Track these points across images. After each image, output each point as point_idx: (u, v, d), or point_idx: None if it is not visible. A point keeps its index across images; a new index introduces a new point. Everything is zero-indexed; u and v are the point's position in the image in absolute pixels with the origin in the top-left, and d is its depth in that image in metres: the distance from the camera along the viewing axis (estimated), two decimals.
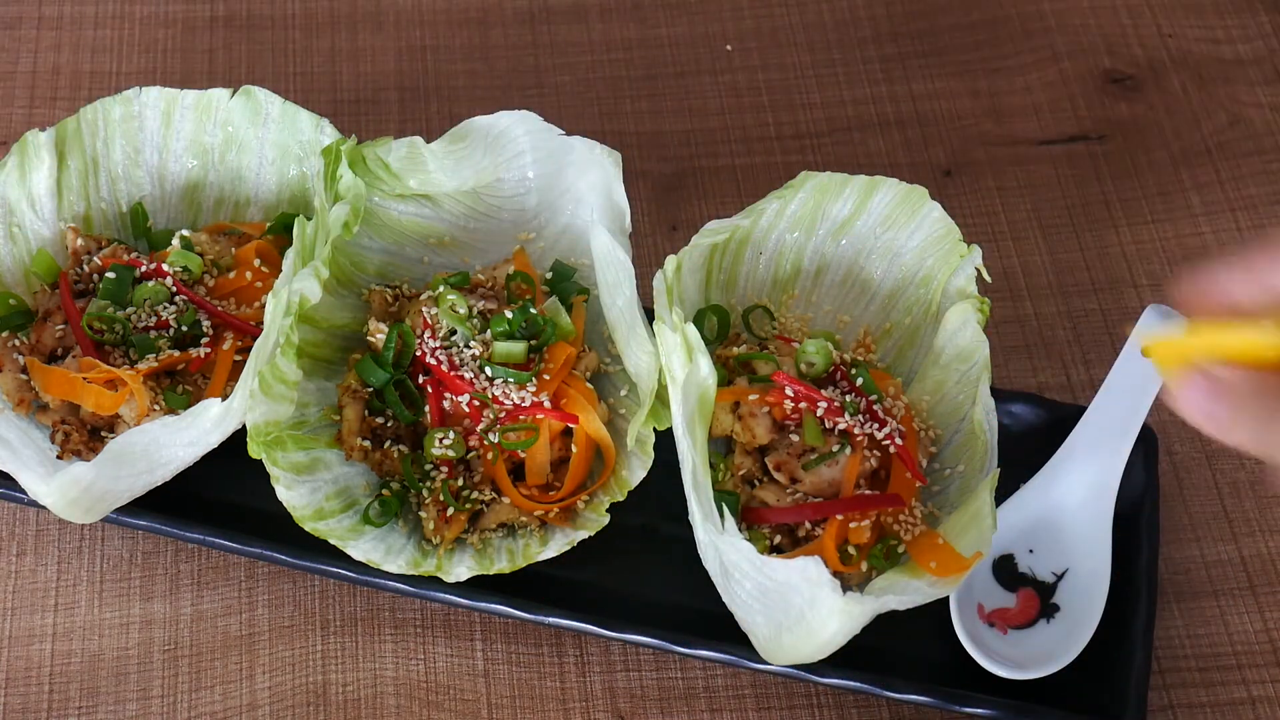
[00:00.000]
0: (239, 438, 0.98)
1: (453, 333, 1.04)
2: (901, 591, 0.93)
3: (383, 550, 0.98)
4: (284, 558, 1.01)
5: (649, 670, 1.03)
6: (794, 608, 0.89)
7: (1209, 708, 1.03)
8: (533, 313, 1.04)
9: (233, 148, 1.14)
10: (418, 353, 1.02)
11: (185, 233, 1.08)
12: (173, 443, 0.96)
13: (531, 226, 1.12)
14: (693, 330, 0.94)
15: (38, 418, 1.03)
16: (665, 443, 0.99)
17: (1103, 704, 0.98)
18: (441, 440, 1.00)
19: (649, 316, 1.01)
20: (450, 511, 0.99)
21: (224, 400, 0.96)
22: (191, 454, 0.99)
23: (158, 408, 1.01)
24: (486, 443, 1.00)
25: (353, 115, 1.32)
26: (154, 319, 1.03)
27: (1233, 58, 1.38)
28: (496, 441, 1.00)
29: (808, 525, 0.98)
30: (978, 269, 1.05)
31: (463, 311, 1.04)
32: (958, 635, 0.99)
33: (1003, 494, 1.02)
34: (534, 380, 1.01)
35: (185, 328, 1.04)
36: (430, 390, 1.02)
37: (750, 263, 1.10)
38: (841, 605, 0.86)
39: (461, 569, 0.98)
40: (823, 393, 1.00)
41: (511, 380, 1.01)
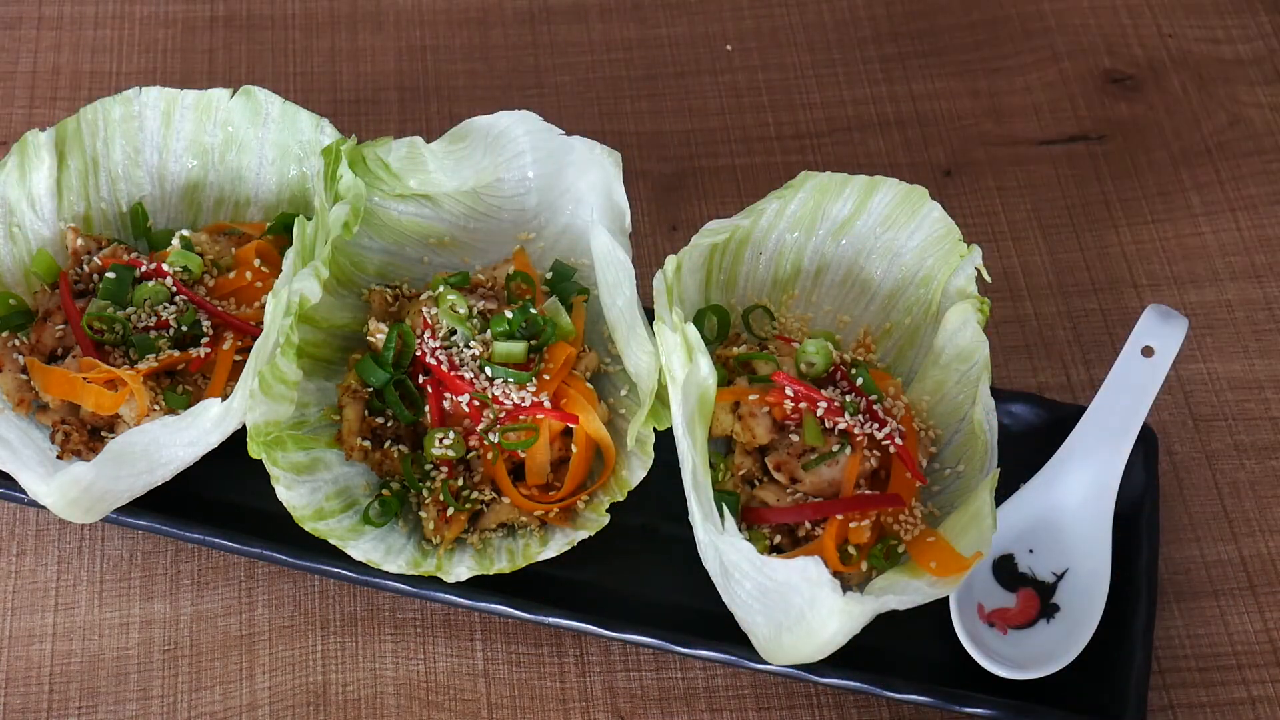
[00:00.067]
0: (239, 438, 0.98)
1: (453, 333, 1.04)
2: (901, 591, 0.92)
3: (383, 550, 0.98)
4: (284, 558, 1.01)
5: (649, 670, 1.03)
6: (794, 608, 0.89)
7: (1209, 708, 1.03)
8: (533, 313, 1.04)
9: (233, 148, 1.14)
10: (418, 353, 1.02)
11: (185, 233, 1.08)
12: (173, 443, 0.96)
13: (531, 226, 1.12)
14: (693, 330, 0.94)
15: (38, 418, 1.03)
16: (665, 443, 0.99)
17: (1103, 704, 0.98)
18: (441, 440, 1.00)
19: (649, 316, 1.01)
20: (450, 511, 0.99)
21: (224, 400, 0.96)
22: (191, 454, 0.99)
23: (158, 408, 1.01)
24: (486, 443, 1.00)
25: (353, 115, 1.32)
26: (154, 319, 1.03)
27: (1233, 58, 1.38)
28: (496, 441, 1.00)
29: (808, 525, 0.98)
30: (978, 269, 1.05)
31: (463, 311, 1.04)
32: (958, 635, 0.99)
33: (1003, 494, 1.02)
34: (534, 380, 1.01)
35: (185, 328, 1.04)
36: (430, 390, 1.02)
37: (750, 263, 1.10)
38: (841, 605, 0.86)
39: (461, 569, 0.98)
40: (823, 393, 1.00)
41: (511, 380, 1.01)
